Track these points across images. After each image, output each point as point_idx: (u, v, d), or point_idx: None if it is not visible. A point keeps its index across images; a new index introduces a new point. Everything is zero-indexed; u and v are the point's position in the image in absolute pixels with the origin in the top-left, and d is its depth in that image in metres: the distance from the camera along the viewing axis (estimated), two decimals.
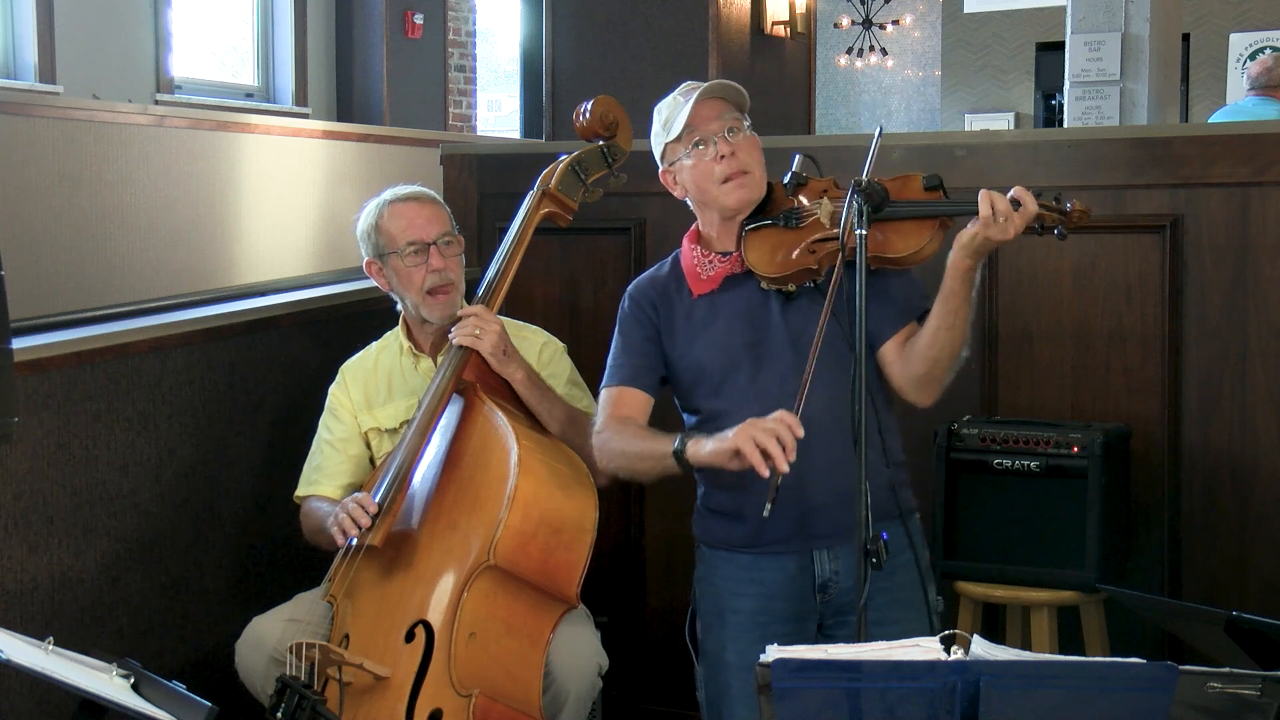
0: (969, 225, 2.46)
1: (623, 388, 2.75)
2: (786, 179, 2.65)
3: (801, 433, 2.36)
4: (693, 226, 2.79)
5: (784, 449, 2.34)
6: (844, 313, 2.47)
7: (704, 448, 2.50)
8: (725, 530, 2.70)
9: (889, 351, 2.64)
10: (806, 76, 9.97)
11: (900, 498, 2.60)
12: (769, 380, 2.61)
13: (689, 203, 2.77)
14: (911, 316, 2.64)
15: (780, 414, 2.39)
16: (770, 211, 2.67)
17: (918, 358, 2.58)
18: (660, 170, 2.77)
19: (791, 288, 2.63)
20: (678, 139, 2.69)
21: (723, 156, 2.65)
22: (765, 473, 2.34)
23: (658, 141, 2.75)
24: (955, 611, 3.12)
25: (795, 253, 2.58)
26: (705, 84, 2.70)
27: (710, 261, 2.71)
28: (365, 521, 2.79)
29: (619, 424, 2.71)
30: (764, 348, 2.64)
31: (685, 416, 2.78)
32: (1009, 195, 2.44)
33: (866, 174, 2.49)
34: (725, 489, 2.67)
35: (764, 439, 2.35)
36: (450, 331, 2.98)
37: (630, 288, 2.83)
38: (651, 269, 2.85)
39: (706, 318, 2.70)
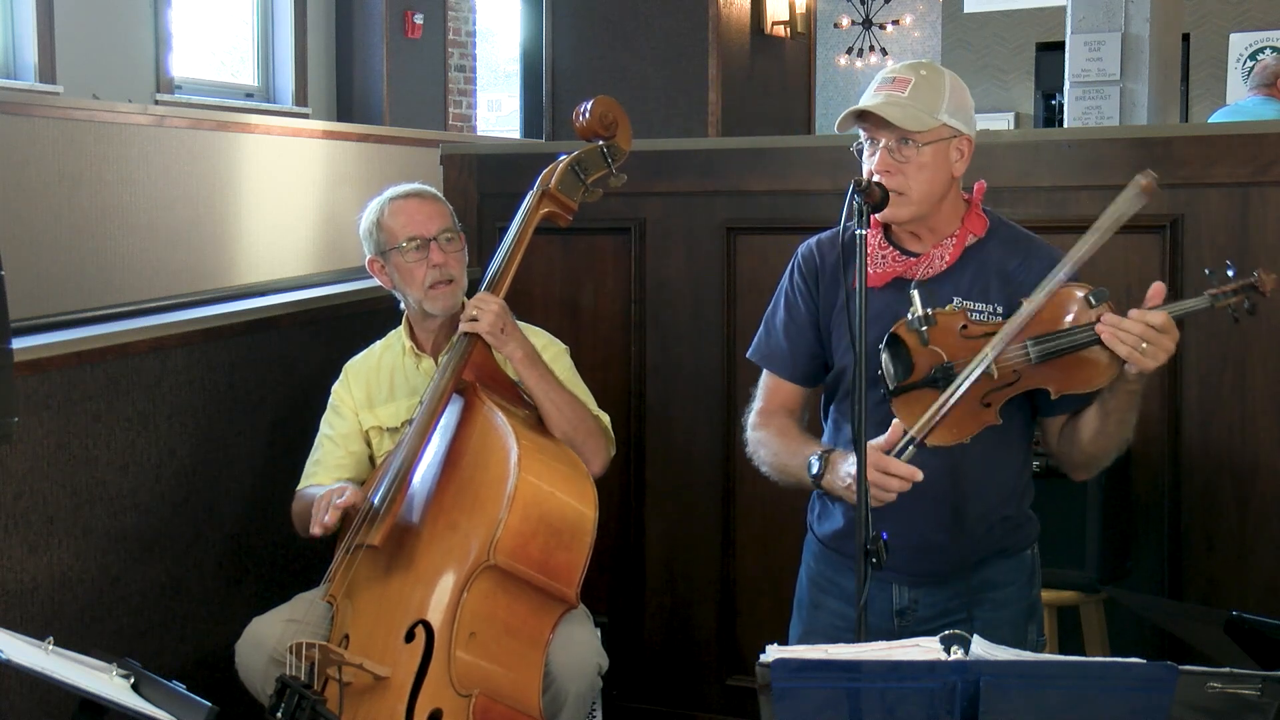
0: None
1: (779, 378, 2.64)
2: (910, 320, 2.38)
3: (920, 476, 2.30)
4: None
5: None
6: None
7: (836, 485, 2.42)
8: (822, 522, 2.66)
9: (1052, 425, 2.52)
10: (806, 76, 9.97)
11: (1008, 540, 2.54)
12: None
13: None
14: (1090, 403, 2.45)
15: (881, 467, 2.30)
16: (917, 368, 2.40)
17: (1079, 450, 2.48)
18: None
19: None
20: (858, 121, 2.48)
21: (874, 171, 2.45)
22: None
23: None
24: None
25: (965, 416, 2.36)
26: (891, 80, 2.46)
27: (885, 257, 2.51)
28: (339, 504, 2.80)
29: (774, 427, 2.60)
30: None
31: (826, 412, 2.67)
32: (1147, 321, 2.29)
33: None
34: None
35: (877, 495, 2.29)
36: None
37: (804, 249, 2.63)
38: (833, 230, 2.61)
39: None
